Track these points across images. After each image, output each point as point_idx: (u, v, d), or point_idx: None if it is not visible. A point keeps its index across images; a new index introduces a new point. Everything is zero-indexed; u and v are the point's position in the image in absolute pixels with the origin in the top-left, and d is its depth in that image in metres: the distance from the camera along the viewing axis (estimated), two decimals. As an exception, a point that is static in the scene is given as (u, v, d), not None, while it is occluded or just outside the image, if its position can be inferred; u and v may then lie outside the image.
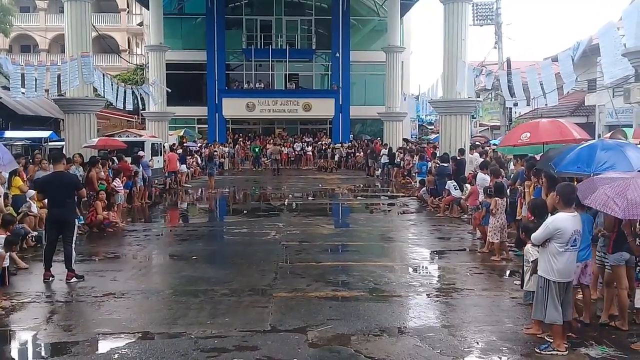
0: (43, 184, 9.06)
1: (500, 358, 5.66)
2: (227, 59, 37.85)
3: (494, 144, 23.15)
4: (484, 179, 12.18)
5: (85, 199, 12.00)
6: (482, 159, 15.79)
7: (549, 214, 6.21)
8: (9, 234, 8.61)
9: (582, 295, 6.65)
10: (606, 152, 7.15)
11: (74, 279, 8.31)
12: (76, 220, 9.04)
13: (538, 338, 5.97)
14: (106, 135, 23.16)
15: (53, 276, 8.41)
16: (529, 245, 6.48)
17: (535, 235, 5.76)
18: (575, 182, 7.09)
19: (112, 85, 18.47)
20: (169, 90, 29.70)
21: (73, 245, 8.57)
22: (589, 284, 6.71)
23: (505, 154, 15.69)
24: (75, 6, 18.03)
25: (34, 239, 10.61)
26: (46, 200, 9.33)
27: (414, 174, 21.18)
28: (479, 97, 20.39)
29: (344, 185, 23.76)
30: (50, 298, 7.69)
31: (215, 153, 28.05)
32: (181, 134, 33.44)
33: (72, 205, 8.82)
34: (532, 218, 6.85)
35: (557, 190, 5.93)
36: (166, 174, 21.82)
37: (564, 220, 5.64)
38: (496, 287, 8.25)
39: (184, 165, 23.57)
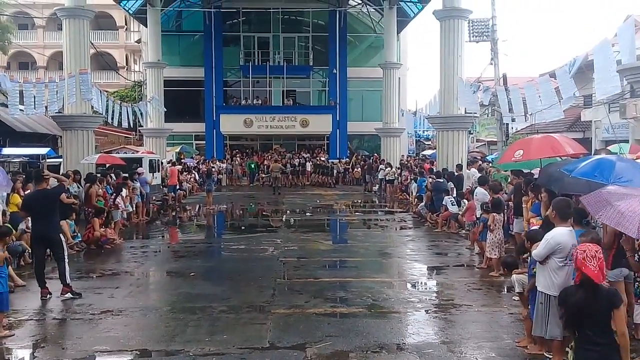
0: (27, 202, 9.09)
1: (500, 374, 5.64)
2: (224, 76, 37.99)
3: (487, 160, 23.21)
4: (484, 194, 12.17)
5: (69, 199, 11.86)
6: (480, 174, 15.81)
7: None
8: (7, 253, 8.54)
9: None
10: (625, 166, 7.25)
11: (68, 294, 8.28)
12: (61, 235, 8.98)
13: (537, 354, 5.94)
14: (104, 152, 23.19)
15: (50, 293, 8.37)
16: (515, 276, 6.64)
17: (537, 252, 5.71)
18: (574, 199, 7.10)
19: (108, 102, 18.55)
20: (165, 110, 29.85)
21: (66, 261, 8.54)
22: None
23: (501, 170, 15.71)
24: (74, 23, 18.18)
25: (31, 256, 10.55)
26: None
27: (410, 190, 21.19)
28: (476, 112, 20.45)
29: (342, 200, 23.75)
30: (48, 316, 7.65)
31: (213, 169, 28.05)
32: (178, 150, 33.48)
33: (54, 220, 8.78)
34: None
35: (553, 204, 5.90)
36: (166, 189, 21.83)
37: (563, 235, 5.63)
38: (495, 303, 8.23)
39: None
